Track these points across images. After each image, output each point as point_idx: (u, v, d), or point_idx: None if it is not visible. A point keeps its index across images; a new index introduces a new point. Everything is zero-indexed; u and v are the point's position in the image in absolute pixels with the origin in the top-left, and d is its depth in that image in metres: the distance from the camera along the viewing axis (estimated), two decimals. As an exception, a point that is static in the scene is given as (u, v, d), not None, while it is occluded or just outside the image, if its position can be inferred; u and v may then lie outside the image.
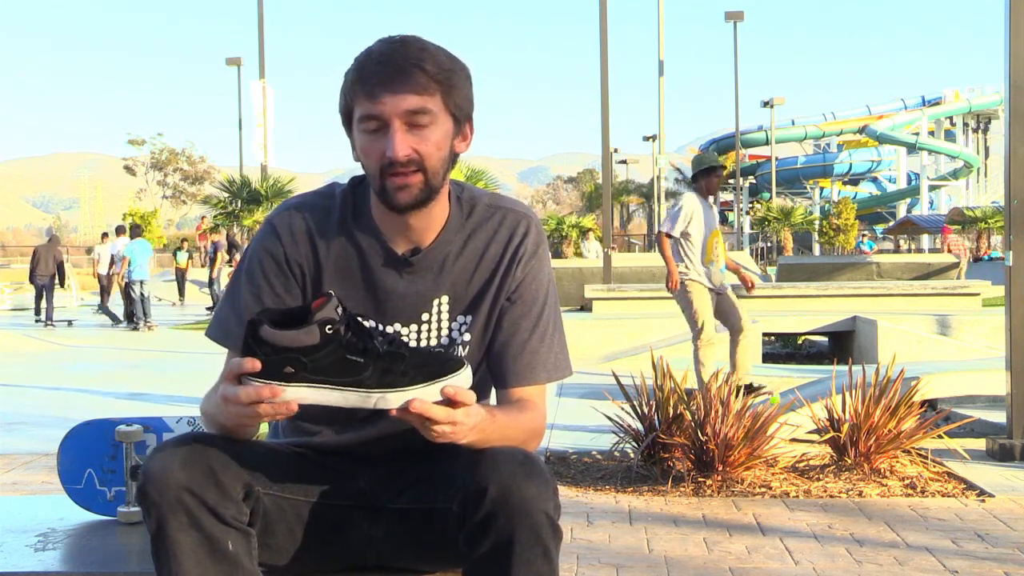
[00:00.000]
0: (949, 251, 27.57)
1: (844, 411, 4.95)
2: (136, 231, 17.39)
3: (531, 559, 1.50)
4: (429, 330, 1.74)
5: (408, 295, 1.72)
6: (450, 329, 1.75)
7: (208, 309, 20.46)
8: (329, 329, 1.47)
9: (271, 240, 1.73)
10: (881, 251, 40.71)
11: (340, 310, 1.49)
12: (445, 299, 1.74)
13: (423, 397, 1.48)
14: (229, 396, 1.49)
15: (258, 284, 1.72)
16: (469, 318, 1.75)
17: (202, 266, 28.68)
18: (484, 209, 1.76)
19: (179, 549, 1.51)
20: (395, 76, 1.59)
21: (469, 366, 1.54)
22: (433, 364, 1.51)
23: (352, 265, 1.72)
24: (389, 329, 1.73)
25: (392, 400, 1.49)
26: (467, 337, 1.75)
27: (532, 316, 1.75)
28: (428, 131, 1.62)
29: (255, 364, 1.46)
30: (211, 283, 21.85)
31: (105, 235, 20.95)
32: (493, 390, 1.80)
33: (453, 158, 1.70)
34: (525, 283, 1.75)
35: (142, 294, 16.06)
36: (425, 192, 1.64)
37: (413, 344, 1.73)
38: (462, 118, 1.68)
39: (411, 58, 1.61)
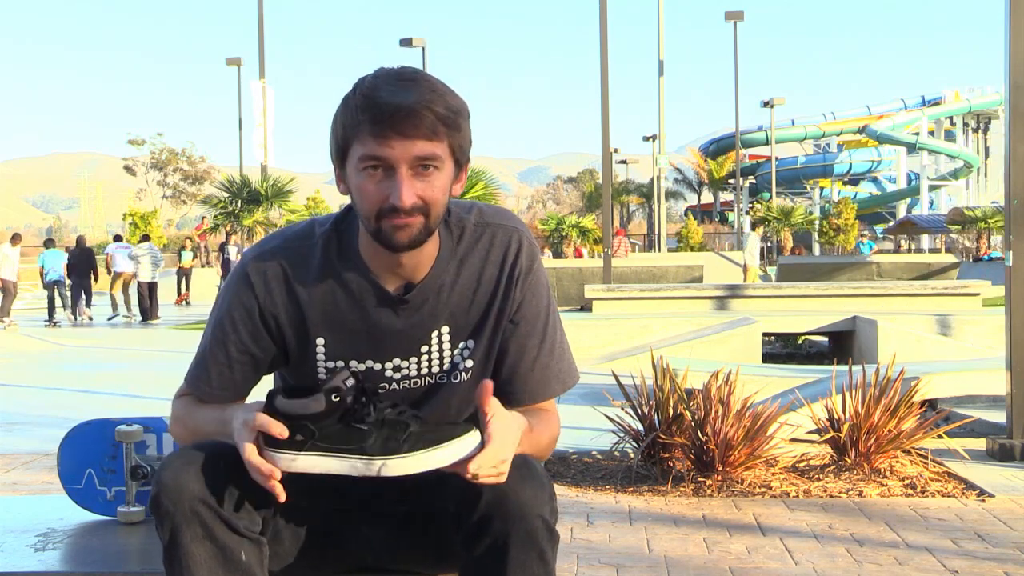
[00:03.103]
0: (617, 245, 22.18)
1: (844, 411, 4.95)
2: (50, 243, 20.34)
3: (526, 562, 1.51)
4: (430, 360, 1.71)
5: (406, 330, 1.69)
6: (452, 356, 1.72)
7: None
8: (335, 397, 1.53)
9: (245, 291, 1.69)
10: (881, 251, 40.63)
11: (350, 382, 1.54)
12: (446, 329, 1.71)
13: (426, 462, 1.51)
14: (253, 463, 1.52)
15: (225, 331, 1.70)
16: (472, 343, 1.72)
17: (202, 265, 28.70)
18: (473, 230, 1.71)
19: (193, 560, 1.52)
20: (407, 119, 1.53)
21: (477, 431, 1.53)
22: (437, 431, 1.54)
23: (342, 308, 1.68)
24: (388, 365, 1.71)
25: (392, 467, 1.52)
26: (469, 363, 1.73)
27: (538, 333, 1.74)
28: (434, 177, 1.57)
29: (283, 431, 1.52)
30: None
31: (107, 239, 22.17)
32: None
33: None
34: (526, 302, 1.73)
35: (59, 294, 18.79)
36: (424, 234, 1.60)
37: (414, 374, 1.72)
38: (463, 161, 1.64)
39: (423, 100, 1.54)
